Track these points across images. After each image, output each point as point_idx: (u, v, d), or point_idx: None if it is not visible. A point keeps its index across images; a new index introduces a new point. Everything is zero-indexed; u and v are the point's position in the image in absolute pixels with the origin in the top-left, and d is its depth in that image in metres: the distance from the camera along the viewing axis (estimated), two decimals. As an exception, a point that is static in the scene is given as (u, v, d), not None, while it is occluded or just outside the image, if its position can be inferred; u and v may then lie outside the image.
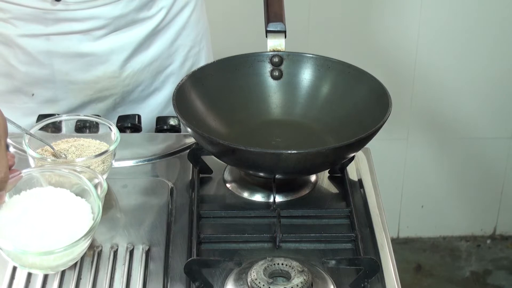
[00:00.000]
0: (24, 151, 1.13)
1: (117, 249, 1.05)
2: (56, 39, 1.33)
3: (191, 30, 1.46)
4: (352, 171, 1.21)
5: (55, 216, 0.97)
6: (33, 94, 1.38)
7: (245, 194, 1.16)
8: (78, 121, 1.29)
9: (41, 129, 1.25)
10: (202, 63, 1.49)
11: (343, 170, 1.19)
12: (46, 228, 0.96)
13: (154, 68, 1.43)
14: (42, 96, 1.39)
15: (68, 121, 1.27)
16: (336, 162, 1.16)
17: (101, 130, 1.20)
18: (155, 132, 1.33)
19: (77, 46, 1.34)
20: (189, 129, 1.10)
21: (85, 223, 0.97)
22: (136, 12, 1.35)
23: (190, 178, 1.19)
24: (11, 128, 1.37)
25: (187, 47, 1.46)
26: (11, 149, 1.25)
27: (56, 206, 0.98)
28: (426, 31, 2.25)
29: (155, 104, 1.46)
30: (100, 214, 0.96)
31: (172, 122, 1.32)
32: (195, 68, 1.44)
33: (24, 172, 1.00)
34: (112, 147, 1.13)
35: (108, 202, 1.09)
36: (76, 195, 1.00)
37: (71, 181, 1.02)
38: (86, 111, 1.41)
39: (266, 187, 1.15)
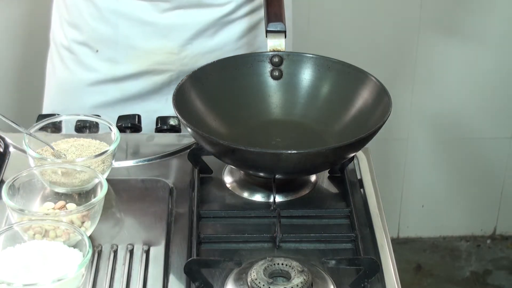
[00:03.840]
0: (24, 151, 1.13)
1: (117, 249, 1.05)
2: (125, 1, 1.37)
3: (260, 33, 1.45)
4: (352, 171, 1.21)
5: (44, 255, 0.97)
6: (97, 51, 1.42)
7: (245, 194, 1.16)
8: (78, 121, 1.30)
9: (41, 129, 1.25)
10: None
11: (343, 170, 1.19)
12: (34, 262, 0.96)
13: (215, 57, 1.41)
14: (105, 55, 1.42)
15: (68, 121, 1.27)
16: (336, 162, 1.16)
17: (101, 130, 1.20)
18: (155, 132, 1.32)
19: (143, 13, 1.37)
20: (189, 129, 1.10)
21: (75, 260, 0.96)
22: None
23: (190, 178, 1.19)
24: (11, 128, 1.38)
25: (251, 47, 1.46)
26: (11, 149, 1.25)
27: (47, 254, 0.98)
28: (426, 31, 2.25)
29: None
30: (90, 253, 0.96)
31: (172, 122, 1.32)
32: None
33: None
34: (112, 147, 1.13)
35: (108, 202, 1.09)
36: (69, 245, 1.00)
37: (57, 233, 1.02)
38: (143, 80, 1.43)
39: (266, 187, 1.15)
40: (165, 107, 1.40)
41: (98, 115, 1.24)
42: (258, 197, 1.16)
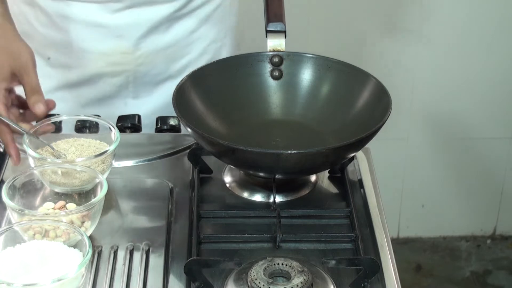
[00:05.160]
0: (24, 151, 1.13)
1: (117, 249, 1.05)
2: (75, 5, 1.36)
3: (214, 24, 1.46)
4: (352, 171, 1.21)
5: (44, 255, 0.97)
6: (49, 58, 1.41)
7: (245, 194, 1.16)
8: (78, 121, 1.30)
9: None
10: None
11: (343, 170, 1.19)
12: (34, 262, 0.96)
13: (169, 54, 1.43)
14: (57, 61, 1.41)
15: (68, 121, 1.27)
16: (336, 162, 1.16)
17: (101, 130, 1.20)
18: (155, 132, 1.32)
19: (94, 16, 1.36)
20: (189, 129, 1.10)
21: (75, 260, 0.96)
22: None
23: (190, 178, 1.19)
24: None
25: (207, 40, 1.46)
26: (11, 149, 1.25)
27: (47, 254, 0.98)
28: (426, 31, 2.25)
29: (167, 92, 1.46)
30: (90, 253, 0.96)
31: (172, 122, 1.32)
32: None
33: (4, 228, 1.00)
34: (112, 147, 1.13)
35: (108, 202, 1.09)
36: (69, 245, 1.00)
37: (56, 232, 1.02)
38: (100, 83, 1.42)
39: (266, 187, 1.15)
40: (125, 111, 1.38)
41: (98, 115, 1.24)
42: (258, 197, 1.16)
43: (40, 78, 1.40)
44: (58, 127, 1.30)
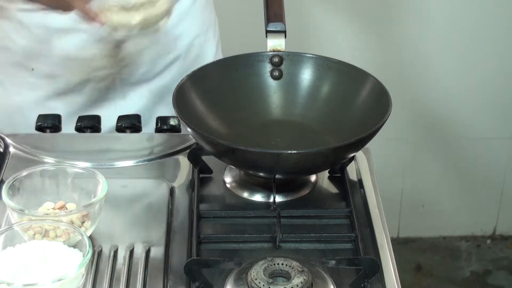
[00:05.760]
0: (24, 151, 1.13)
1: (117, 249, 1.05)
2: (52, 15, 1.34)
3: (195, 18, 1.45)
4: (352, 171, 1.21)
5: (44, 255, 0.97)
6: (32, 69, 1.39)
7: (245, 194, 1.16)
8: (78, 121, 1.30)
9: (40, 129, 1.25)
10: (209, 54, 1.50)
11: (343, 170, 1.19)
12: (34, 262, 0.96)
13: (153, 52, 1.42)
14: (41, 71, 1.40)
15: (67, 120, 1.27)
16: (336, 162, 1.16)
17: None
18: (155, 132, 1.32)
19: (73, 23, 1.34)
20: (189, 129, 1.10)
21: (75, 260, 0.96)
22: None
23: (190, 178, 1.19)
24: (11, 129, 1.38)
25: (191, 35, 1.46)
26: (11, 149, 1.25)
27: (47, 254, 0.98)
28: (426, 31, 2.25)
29: (157, 89, 1.46)
30: (90, 253, 0.96)
31: (172, 122, 1.32)
32: (202, 58, 1.44)
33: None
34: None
35: (108, 202, 1.09)
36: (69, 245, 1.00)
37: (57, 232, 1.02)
38: (87, 89, 1.41)
39: (266, 187, 1.15)
40: (115, 113, 1.36)
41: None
42: (258, 197, 1.16)
43: (27, 90, 1.41)
44: (57, 127, 1.30)
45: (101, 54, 1.38)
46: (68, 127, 1.32)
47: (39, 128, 1.30)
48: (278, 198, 1.14)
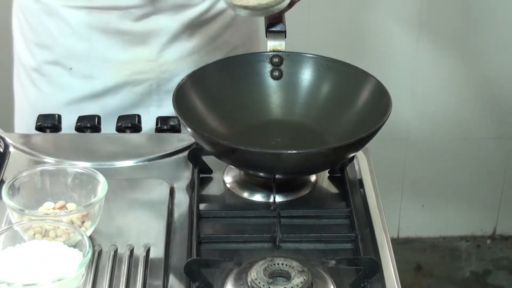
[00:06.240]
0: (24, 151, 1.13)
1: (117, 249, 1.05)
2: (97, 13, 1.34)
3: (238, 28, 1.44)
4: (352, 171, 1.21)
5: (44, 255, 0.97)
6: (71, 68, 1.39)
7: (245, 194, 1.16)
8: (79, 121, 1.30)
9: (40, 129, 1.24)
10: None
11: (343, 170, 1.19)
12: (34, 262, 0.95)
13: (194, 61, 1.41)
14: (79, 71, 1.39)
15: (67, 118, 1.26)
16: (336, 162, 1.16)
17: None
18: (155, 132, 1.32)
19: (116, 23, 1.34)
20: (189, 129, 1.10)
21: (75, 260, 0.96)
22: None
23: (190, 178, 1.19)
24: (11, 128, 1.38)
25: (231, 45, 1.45)
26: (11, 149, 1.25)
27: (47, 254, 0.97)
28: (426, 31, 2.25)
29: None
30: (90, 253, 0.95)
31: (172, 122, 1.32)
32: None
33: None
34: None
35: (108, 202, 1.09)
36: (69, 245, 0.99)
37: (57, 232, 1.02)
38: (122, 92, 1.40)
39: (266, 187, 1.15)
40: (148, 119, 1.35)
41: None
42: (258, 197, 1.16)
43: (62, 91, 1.40)
44: (57, 127, 1.30)
45: (143, 58, 1.38)
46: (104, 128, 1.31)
47: (39, 128, 1.30)
48: (278, 198, 1.14)
